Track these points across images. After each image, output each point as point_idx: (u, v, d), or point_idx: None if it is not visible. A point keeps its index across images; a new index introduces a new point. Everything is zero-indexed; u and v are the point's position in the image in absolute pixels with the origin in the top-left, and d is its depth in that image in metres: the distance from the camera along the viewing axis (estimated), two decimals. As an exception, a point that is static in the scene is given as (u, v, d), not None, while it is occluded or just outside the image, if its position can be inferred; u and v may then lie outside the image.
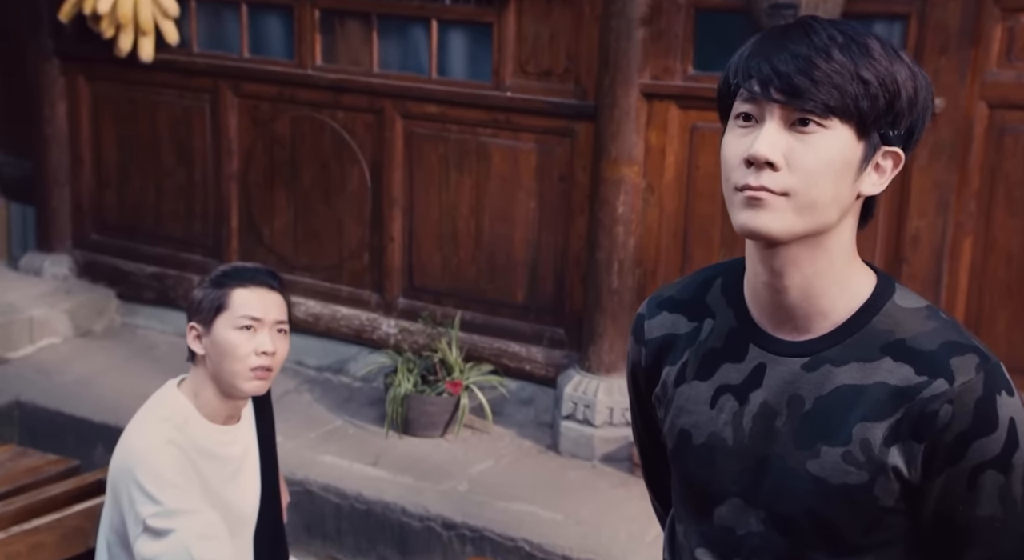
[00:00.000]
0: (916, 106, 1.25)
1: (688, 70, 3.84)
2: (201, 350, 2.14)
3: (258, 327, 2.13)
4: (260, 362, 2.12)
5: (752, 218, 1.23)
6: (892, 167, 1.26)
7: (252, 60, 4.76)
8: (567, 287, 4.21)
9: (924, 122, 1.27)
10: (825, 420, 1.26)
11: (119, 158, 5.18)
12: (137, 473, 2.02)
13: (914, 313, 1.27)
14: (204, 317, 2.13)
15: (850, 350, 1.26)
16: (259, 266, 2.27)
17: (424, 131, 4.41)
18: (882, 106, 1.22)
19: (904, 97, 1.23)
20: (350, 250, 4.66)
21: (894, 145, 1.24)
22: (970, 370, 1.21)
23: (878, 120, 1.22)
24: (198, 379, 2.17)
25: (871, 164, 1.24)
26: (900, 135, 1.25)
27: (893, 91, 1.22)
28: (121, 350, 4.97)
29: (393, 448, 4.09)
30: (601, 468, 4.00)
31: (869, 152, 1.23)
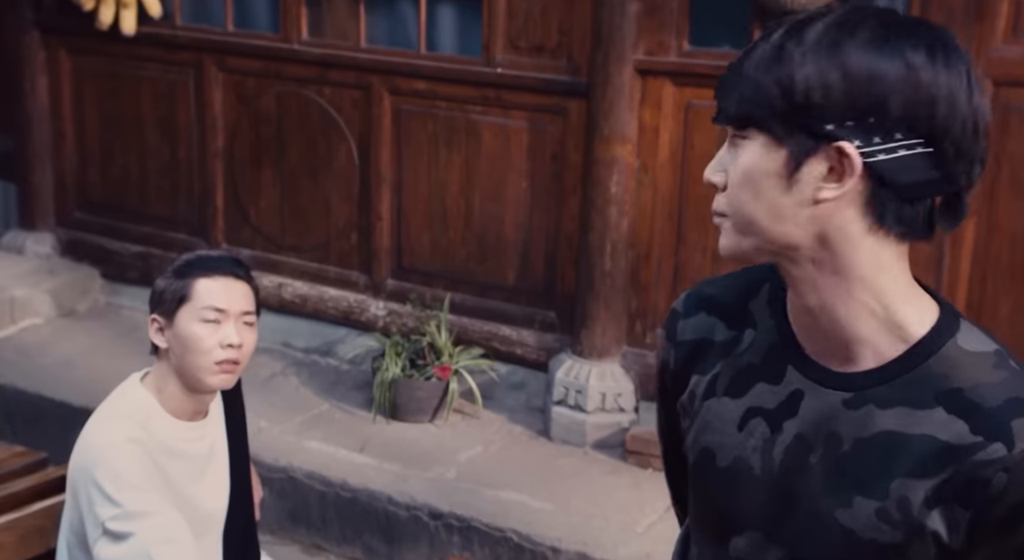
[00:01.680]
0: (868, 96, 1.03)
1: (683, 46, 3.71)
2: (164, 343, 2.04)
3: (223, 319, 2.03)
4: (226, 355, 2.02)
5: (719, 241, 1.16)
6: (851, 165, 1.05)
7: (237, 34, 4.63)
8: (559, 269, 4.11)
9: (839, 92, 1.04)
10: (863, 467, 1.12)
11: (102, 134, 5.06)
12: (96, 473, 1.92)
13: (979, 358, 1.10)
14: (166, 309, 2.03)
15: (899, 392, 1.11)
16: (224, 254, 2.16)
17: (413, 108, 4.28)
18: (799, 103, 1.05)
19: (838, 89, 1.04)
20: (338, 229, 4.55)
21: (844, 140, 1.04)
22: (1003, 410, 1.06)
23: (801, 119, 1.05)
24: (162, 373, 2.07)
25: (813, 168, 1.06)
26: (853, 129, 1.04)
27: (817, 85, 1.04)
28: (105, 331, 4.87)
29: (380, 434, 4.00)
30: (593, 455, 3.91)
31: (799, 155, 1.07)
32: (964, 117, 1.04)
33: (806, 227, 1.09)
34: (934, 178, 1.05)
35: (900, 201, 1.06)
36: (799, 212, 1.08)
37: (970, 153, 1.05)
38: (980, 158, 1.07)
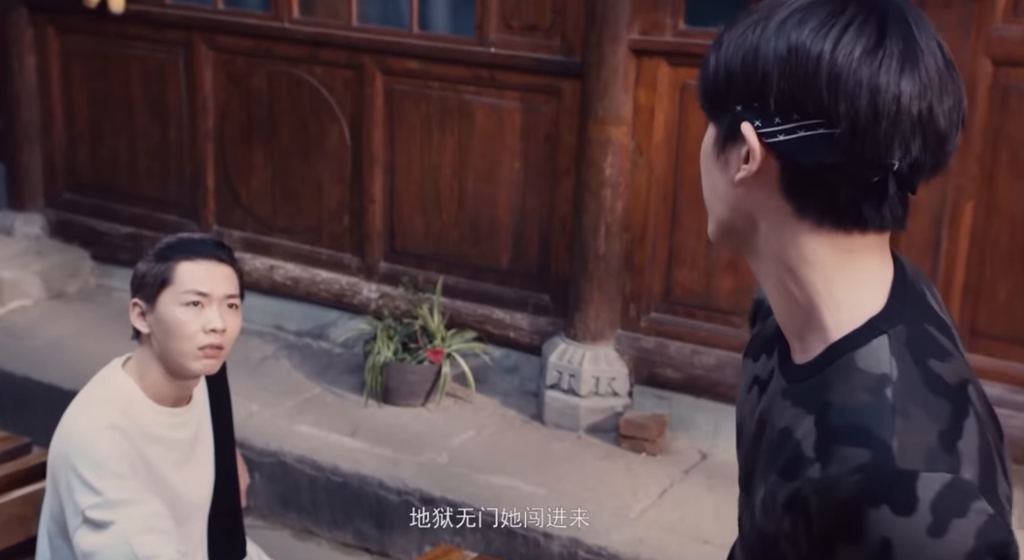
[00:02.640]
0: (755, 77, 1.02)
1: (679, 25, 3.66)
2: (146, 328, 2.00)
3: (206, 303, 1.98)
4: (209, 340, 1.97)
5: None
6: (747, 139, 1.03)
7: (227, 12, 4.57)
8: (553, 252, 4.06)
9: (739, 73, 1.03)
10: (768, 456, 1.11)
11: (91, 114, 5.00)
12: (76, 461, 1.88)
13: (861, 377, 1.04)
14: (147, 293, 1.98)
15: (804, 392, 1.09)
16: (207, 237, 2.11)
17: (405, 88, 4.23)
18: (715, 86, 1.06)
19: (737, 71, 1.03)
20: (330, 212, 4.50)
21: (745, 121, 1.03)
22: (848, 465, 0.99)
23: (720, 102, 1.06)
24: (143, 359, 2.02)
25: (736, 149, 1.05)
26: (755, 110, 1.02)
27: (723, 68, 1.05)
28: (95, 313, 4.82)
29: (372, 418, 3.96)
30: (586, 439, 3.88)
31: (722, 136, 1.07)
32: (856, 98, 0.98)
33: (738, 209, 1.09)
34: (842, 161, 1.00)
35: (812, 185, 1.03)
36: (730, 193, 1.08)
37: (874, 133, 0.99)
38: (903, 138, 1.00)
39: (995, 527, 0.98)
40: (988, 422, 1.06)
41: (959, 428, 1.02)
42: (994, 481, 1.02)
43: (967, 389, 1.05)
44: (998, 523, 0.99)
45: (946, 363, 1.06)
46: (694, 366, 3.82)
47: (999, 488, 1.02)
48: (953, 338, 1.12)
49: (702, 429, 3.85)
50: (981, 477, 1.00)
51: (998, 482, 1.03)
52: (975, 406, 1.04)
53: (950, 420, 1.02)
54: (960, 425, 1.02)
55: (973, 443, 1.01)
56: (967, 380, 1.07)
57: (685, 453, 3.81)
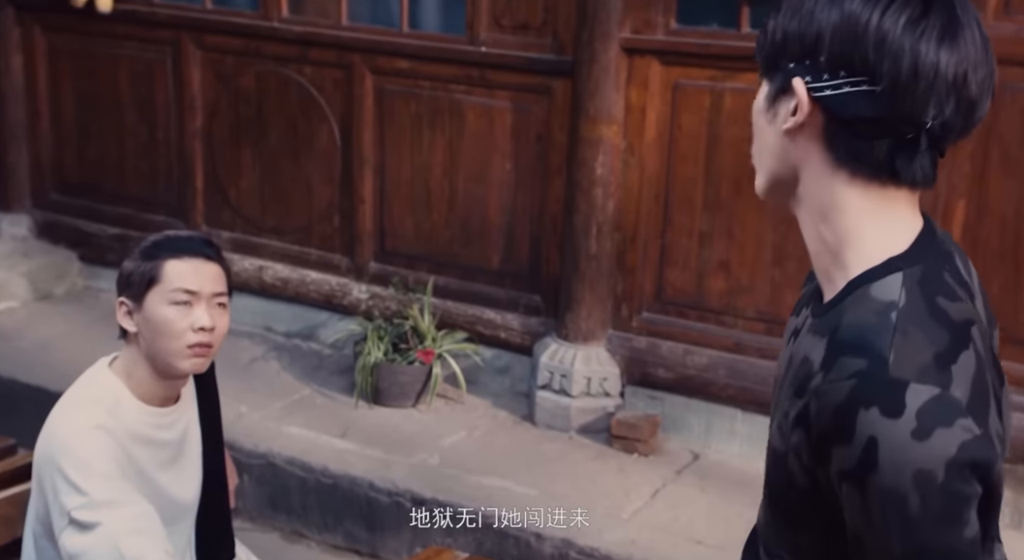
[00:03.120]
0: (811, 38, 1.14)
1: (671, 24, 3.64)
2: (133, 327, 1.97)
3: (194, 301, 1.96)
4: (198, 339, 1.95)
5: None
6: (798, 92, 1.15)
7: (215, 11, 4.54)
8: (544, 252, 4.04)
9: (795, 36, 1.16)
10: (788, 385, 1.21)
11: (78, 114, 4.96)
12: (61, 461, 1.85)
13: (873, 304, 1.13)
14: (134, 292, 1.96)
15: (823, 323, 1.19)
16: (194, 234, 2.09)
17: (395, 87, 4.20)
18: (772, 45, 1.19)
19: (793, 33, 1.16)
20: (319, 212, 4.47)
21: (797, 76, 1.16)
22: (846, 372, 1.09)
23: (775, 60, 1.19)
24: (131, 358, 1.99)
25: (785, 103, 1.18)
26: (806, 67, 1.15)
27: (781, 30, 1.17)
28: (82, 315, 4.79)
29: (362, 419, 3.94)
30: (578, 440, 3.86)
31: (774, 91, 1.20)
32: (899, 58, 1.10)
33: (784, 159, 1.20)
34: (881, 116, 1.12)
35: (852, 137, 1.14)
36: (778, 144, 1.20)
37: (913, 92, 1.10)
38: (938, 99, 1.11)
39: (980, 446, 1.06)
40: (989, 363, 1.14)
41: (955, 355, 1.10)
42: (985, 412, 1.09)
43: (970, 328, 1.13)
44: (984, 443, 1.06)
45: (954, 303, 1.14)
46: (686, 366, 3.80)
47: (990, 420, 1.10)
48: (971, 292, 1.19)
49: (694, 430, 3.83)
50: (971, 401, 1.08)
51: (990, 416, 1.10)
52: (976, 344, 1.12)
53: (948, 347, 1.10)
54: (956, 352, 1.10)
55: (967, 372, 1.10)
56: (972, 321, 1.14)
57: (677, 454, 3.80)
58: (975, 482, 1.07)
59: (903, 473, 1.06)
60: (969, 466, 1.06)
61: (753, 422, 3.73)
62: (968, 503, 1.07)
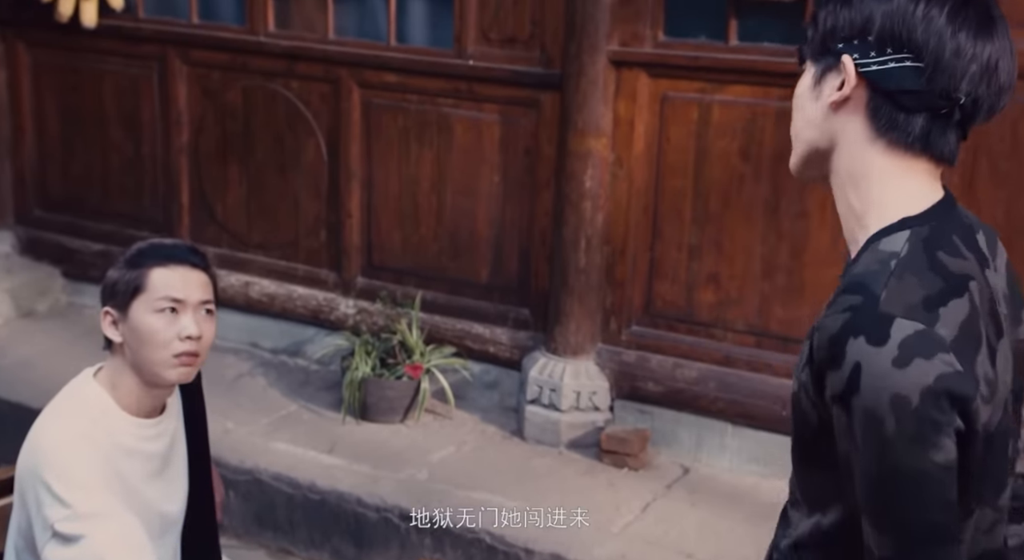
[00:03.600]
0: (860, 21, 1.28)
1: (659, 36, 3.64)
2: (118, 337, 1.93)
3: (181, 309, 1.93)
4: (185, 347, 1.91)
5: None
6: (847, 67, 1.29)
7: (202, 26, 4.52)
8: (532, 265, 4.02)
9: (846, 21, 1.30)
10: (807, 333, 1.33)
11: (63, 129, 4.93)
12: (45, 473, 1.82)
13: (879, 255, 1.27)
14: (119, 301, 1.92)
15: (842, 278, 1.31)
16: (179, 242, 2.06)
17: (383, 101, 4.19)
18: (822, 31, 1.31)
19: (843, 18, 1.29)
20: (306, 227, 4.45)
21: (845, 54, 1.29)
22: (843, 307, 1.22)
23: (823, 43, 1.32)
24: (116, 368, 1.96)
25: (830, 81, 1.31)
26: (854, 46, 1.29)
27: (831, 16, 1.30)
28: (66, 332, 4.74)
29: (350, 434, 3.90)
30: (567, 454, 3.83)
31: (821, 70, 1.32)
32: (943, 38, 1.24)
33: (824, 132, 1.32)
34: (922, 89, 1.25)
35: (894, 108, 1.27)
36: (820, 117, 1.32)
37: (952, 69, 1.24)
38: (972, 78, 1.24)
39: (960, 380, 1.17)
40: (987, 317, 1.24)
41: (945, 300, 1.21)
42: (972, 355, 1.20)
43: (967, 282, 1.24)
44: (963, 379, 1.17)
45: (954, 259, 1.25)
46: (676, 380, 3.78)
47: (977, 362, 1.20)
48: (983, 259, 1.29)
49: (684, 443, 3.81)
50: (957, 341, 1.19)
51: (978, 359, 1.20)
52: (972, 296, 1.23)
53: (939, 292, 1.22)
54: (947, 298, 1.21)
55: (957, 316, 1.20)
56: (971, 276, 1.25)
57: (667, 468, 3.77)
58: (951, 413, 1.17)
59: (881, 397, 1.16)
60: (945, 396, 1.16)
61: (743, 436, 3.71)
62: (940, 430, 1.17)
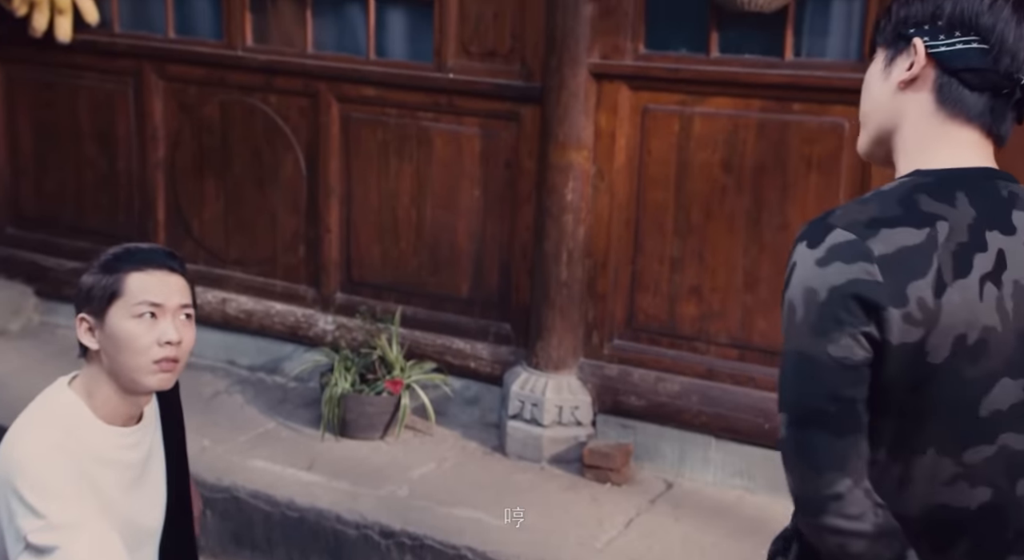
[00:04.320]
0: (931, 9, 1.42)
1: (639, 49, 3.63)
2: (95, 344, 1.88)
3: (159, 314, 1.88)
4: (164, 353, 1.87)
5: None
6: (918, 49, 1.42)
7: (178, 40, 4.49)
8: (513, 279, 3.99)
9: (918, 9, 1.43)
10: None
11: (36, 146, 4.87)
12: (17, 483, 1.76)
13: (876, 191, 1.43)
14: (95, 307, 1.87)
15: None
16: (155, 246, 2.02)
17: (362, 115, 4.16)
18: (894, 20, 1.46)
19: (915, 7, 1.44)
20: (284, 242, 4.40)
21: (916, 38, 1.42)
22: (807, 223, 1.40)
23: (895, 30, 1.46)
24: (92, 376, 1.91)
25: (901, 63, 1.44)
26: (925, 30, 1.42)
27: (903, 7, 1.46)
28: (38, 351, 4.66)
29: (329, 451, 3.84)
30: (550, 470, 3.79)
31: (892, 54, 1.46)
32: (1009, 23, 1.38)
33: (892, 108, 1.44)
34: (987, 67, 1.38)
35: (961, 86, 1.39)
36: (888, 98, 1.45)
37: (1016, 51, 1.38)
38: None
39: (874, 288, 1.29)
40: (949, 256, 1.31)
41: (894, 225, 1.32)
42: (908, 276, 1.30)
43: (935, 220, 1.33)
44: (878, 288, 1.29)
45: (936, 202, 1.35)
46: (658, 393, 3.75)
47: (912, 284, 1.29)
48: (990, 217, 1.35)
49: (667, 458, 3.78)
50: (889, 258, 1.30)
51: (915, 282, 1.29)
52: (935, 232, 1.32)
53: (892, 218, 1.33)
54: (898, 224, 1.32)
55: (902, 240, 1.31)
56: (943, 218, 1.33)
57: (650, 482, 3.73)
58: (859, 315, 1.29)
59: (799, 289, 1.34)
60: (853, 298, 1.29)
61: (727, 450, 3.68)
62: (842, 328, 1.30)
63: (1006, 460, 1.35)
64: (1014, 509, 1.37)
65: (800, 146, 3.45)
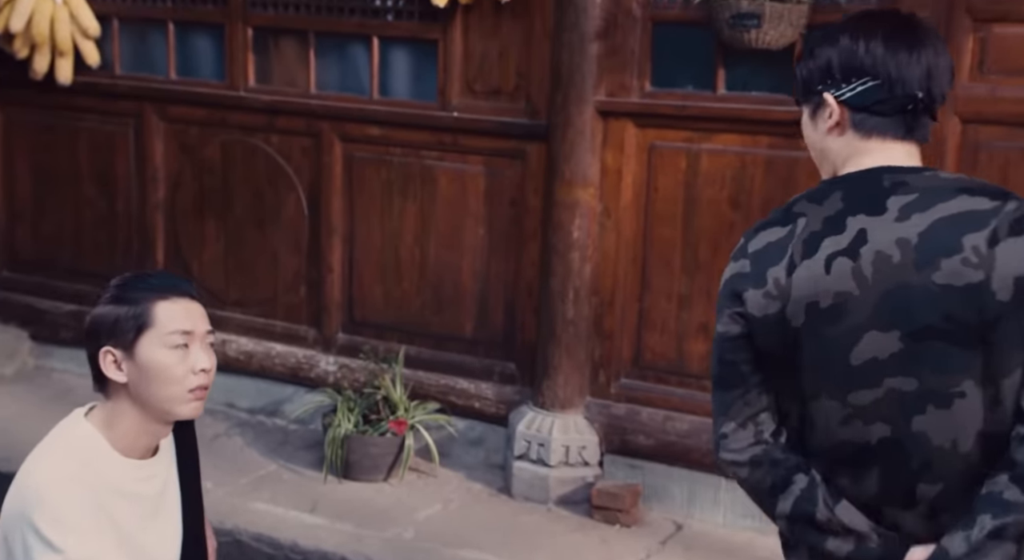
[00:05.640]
0: (826, 68, 1.68)
1: (645, 86, 3.64)
2: (122, 377, 1.83)
3: (190, 342, 1.85)
4: (199, 381, 1.84)
5: None
6: (830, 101, 1.67)
7: (179, 82, 4.48)
8: (518, 318, 3.96)
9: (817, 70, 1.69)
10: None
11: (34, 188, 4.84)
12: (35, 516, 1.71)
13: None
14: (124, 339, 1.82)
15: None
16: (166, 273, 1.98)
17: (365, 154, 4.15)
18: (806, 81, 1.71)
19: (816, 69, 1.69)
20: (285, 283, 4.36)
21: (826, 92, 1.68)
22: None
23: (809, 88, 1.71)
24: (114, 409, 1.86)
25: (822, 113, 1.69)
26: (830, 84, 1.68)
27: (809, 70, 1.70)
28: (34, 396, 4.60)
29: (332, 493, 3.78)
30: (557, 512, 3.73)
31: (812, 108, 1.71)
32: (885, 61, 1.64)
33: (831, 148, 1.70)
34: (887, 97, 1.64)
35: (873, 116, 1.65)
36: (827, 141, 1.71)
37: (902, 81, 1.64)
38: (916, 83, 1.64)
39: (740, 279, 1.65)
40: (801, 243, 1.61)
41: (769, 227, 1.67)
42: (768, 264, 1.62)
43: (797, 218, 1.64)
44: (745, 278, 1.64)
45: (808, 204, 1.65)
46: (667, 433, 3.71)
47: (771, 270, 1.62)
48: (859, 207, 1.60)
49: (676, 498, 3.72)
50: (759, 253, 1.64)
51: (772, 268, 1.61)
52: (795, 227, 1.63)
53: (770, 221, 1.68)
54: (771, 226, 1.66)
55: (770, 237, 1.65)
56: (803, 215, 1.64)
57: (660, 524, 3.68)
58: (732, 300, 1.65)
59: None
60: (728, 287, 1.66)
61: (737, 490, 3.61)
62: (723, 311, 1.66)
63: (898, 401, 1.56)
64: (912, 443, 1.56)
65: (809, 182, 3.42)
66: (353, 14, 4.10)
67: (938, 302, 1.52)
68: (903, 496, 1.58)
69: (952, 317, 1.52)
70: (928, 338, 1.53)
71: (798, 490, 1.62)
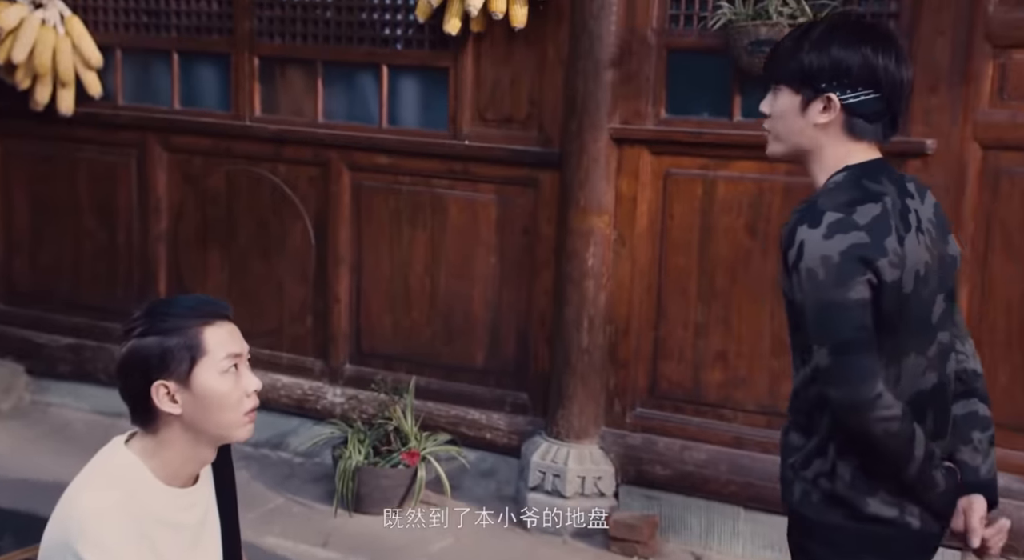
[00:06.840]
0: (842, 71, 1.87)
1: (661, 114, 3.63)
2: (178, 410, 1.77)
3: (240, 364, 1.81)
4: (253, 403, 1.82)
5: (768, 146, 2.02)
6: (834, 103, 1.88)
7: (183, 112, 4.44)
8: (531, 348, 3.91)
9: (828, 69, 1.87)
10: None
11: (32, 220, 4.78)
12: (78, 546, 1.65)
13: (824, 185, 1.91)
14: (178, 370, 1.76)
15: None
16: (199, 296, 1.91)
17: (374, 183, 4.11)
18: (808, 73, 1.88)
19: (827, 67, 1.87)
20: (291, 313, 4.30)
21: (832, 92, 1.88)
22: (795, 212, 1.85)
23: (809, 81, 1.89)
24: (162, 440, 1.79)
25: (815, 106, 1.89)
26: (836, 86, 1.88)
27: (816, 64, 1.88)
28: (30, 431, 4.51)
29: (344, 527, 3.70)
30: (573, 544, 3.67)
31: (807, 100, 1.89)
32: (892, 78, 1.88)
33: (810, 137, 1.92)
34: (882, 109, 1.89)
35: (863, 121, 1.89)
36: (808, 130, 1.91)
37: (898, 93, 1.90)
38: (904, 99, 1.92)
39: (867, 248, 1.79)
40: (897, 218, 1.84)
41: (863, 203, 1.82)
42: (883, 236, 1.80)
43: (883, 196, 1.85)
44: (869, 247, 1.79)
45: (875, 184, 1.86)
46: (684, 462, 3.66)
47: (887, 241, 1.80)
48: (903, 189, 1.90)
49: (694, 530, 3.67)
50: (869, 225, 1.80)
51: (888, 239, 1.80)
52: (885, 204, 1.84)
53: (858, 198, 1.83)
54: (864, 202, 1.83)
55: (871, 213, 1.82)
56: (886, 194, 1.85)
57: (678, 555, 3.62)
58: (863, 267, 1.78)
59: (815, 257, 1.78)
60: (856, 257, 1.78)
61: (756, 521, 3.58)
62: (854, 278, 1.77)
63: (943, 351, 1.94)
64: (948, 385, 1.96)
65: (826, 209, 3.43)
66: (362, 43, 4.08)
67: (950, 269, 1.95)
68: (941, 431, 1.94)
69: (951, 280, 1.96)
70: (949, 299, 1.95)
71: (920, 435, 1.85)
